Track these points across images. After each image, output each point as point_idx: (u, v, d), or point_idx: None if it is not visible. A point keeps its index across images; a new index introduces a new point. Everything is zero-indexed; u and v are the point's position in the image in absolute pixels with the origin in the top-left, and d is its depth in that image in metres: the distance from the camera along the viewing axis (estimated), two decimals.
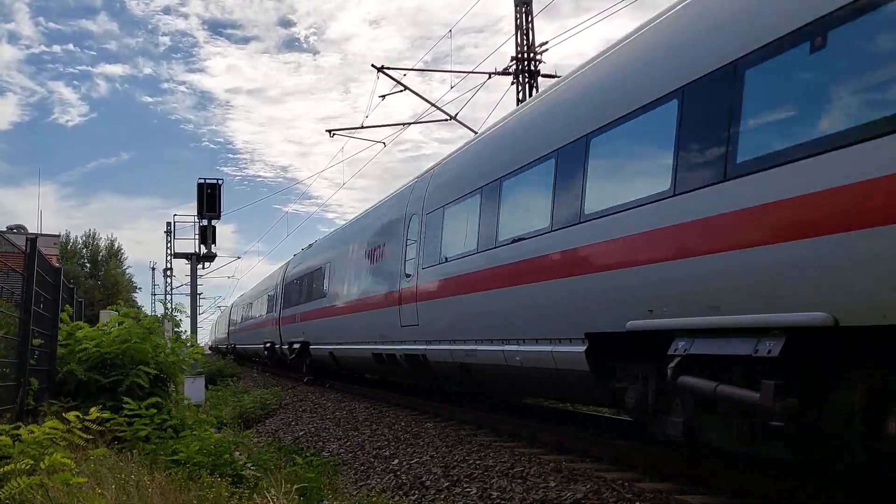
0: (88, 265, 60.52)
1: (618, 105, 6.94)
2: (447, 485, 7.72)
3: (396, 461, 9.41)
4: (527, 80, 20.53)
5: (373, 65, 21.35)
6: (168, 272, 53.78)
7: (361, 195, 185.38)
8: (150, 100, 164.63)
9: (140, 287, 74.74)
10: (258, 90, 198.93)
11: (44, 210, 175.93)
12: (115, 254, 62.56)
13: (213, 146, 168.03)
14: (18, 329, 7.25)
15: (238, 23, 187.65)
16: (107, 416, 7.10)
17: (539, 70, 20.60)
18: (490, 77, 21.21)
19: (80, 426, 5.92)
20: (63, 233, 55.87)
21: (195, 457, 6.98)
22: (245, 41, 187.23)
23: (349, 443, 11.52)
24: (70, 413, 6.07)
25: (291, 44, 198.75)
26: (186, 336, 15.77)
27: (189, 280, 26.98)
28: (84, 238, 61.50)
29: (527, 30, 20.69)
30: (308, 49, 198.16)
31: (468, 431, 10.55)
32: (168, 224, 46.35)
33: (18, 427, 5.61)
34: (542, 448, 8.80)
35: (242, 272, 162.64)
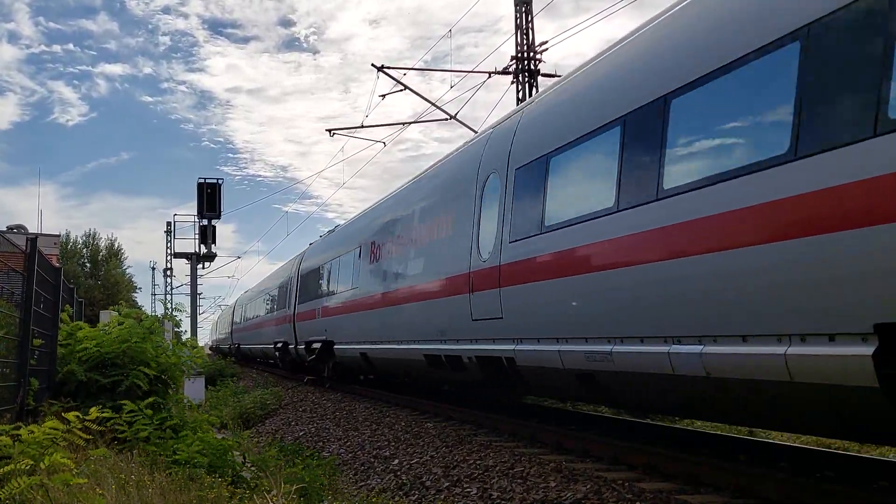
0: (88, 265, 60.49)
1: None
2: (447, 485, 7.72)
3: (396, 461, 9.41)
4: (527, 80, 20.52)
5: (373, 64, 21.39)
6: (168, 272, 53.87)
7: (361, 195, 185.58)
8: (150, 99, 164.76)
9: (140, 287, 74.79)
10: (258, 90, 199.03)
11: (44, 210, 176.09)
12: (115, 254, 62.54)
13: (213, 146, 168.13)
14: (18, 329, 7.25)
15: (238, 22, 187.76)
16: (107, 416, 7.11)
17: (539, 70, 20.60)
18: (490, 76, 21.22)
19: (80, 426, 5.92)
20: (63, 233, 55.92)
21: (196, 457, 6.98)
22: (245, 41, 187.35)
23: (349, 443, 11.52)
24: (70, 413, 6.07)
25: (291, 43, 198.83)
26: (187, 337, 15.79)
27: (189, 280, 27.03)
28: (84, 238, 61.52)
29: (527, 29, 20.69)
30: (308, 49, 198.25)
31: (468, 431, 10.55)
32: (168, 224, 46.49)
33: (18, 427, 5.62)
34: (542, 448, 8.80)
35: (242, 272, 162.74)
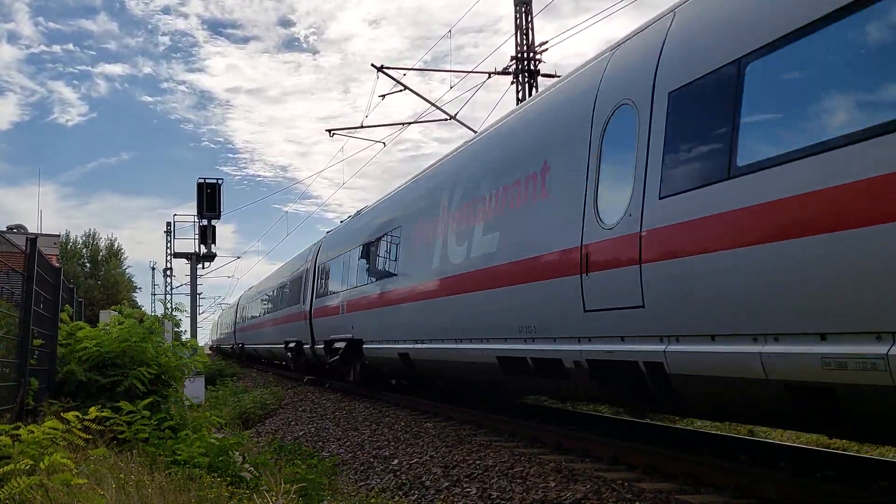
0: (88, 265, 60.50)
1: None
2: (447, 485, 7.72)
3: (396, 461, 9.41)
4: (526, 80, 20.52)
5: (373, 64, 21.39)
6: (168, 272, 53.91)
7: (361, 195, 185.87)
8: (150, 99, 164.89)
9: (140, 287, 74.84)
10: (258, 90, 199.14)
11: (44, 210, 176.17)
12: (115, 254, 62.54)
13: (213, 146, 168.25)
14: (18, 329, 7.25)
15: (238, 22, 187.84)
16: (106, 416, 7.11)
17: (539, 70, 20.59)
18: (490, 77, 21.21)
19: (80, 426, 5.92)
20: (63, 233, 55.95)
21: (196, 457, 6.98)
22: (245, 41, 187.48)
23: (349, 443, 11.52)
24: (69, 413, 6.07)
25: (291, 44, 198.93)
26: (187, 338, 15.75)
27: (189, 280, 27.02)
28: (84, 238, 61.53)
29: (526, 29, 20.68)
30: (308, 49, 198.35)
31: (468, 431, 10.55)
32: (168, 224, 46.50)
33: (18, 427, 5.61)
34: (542, 448, 8.80)
35: (242, 272, 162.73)
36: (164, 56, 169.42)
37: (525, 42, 20.62)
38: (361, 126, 23.58)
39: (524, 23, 20.64)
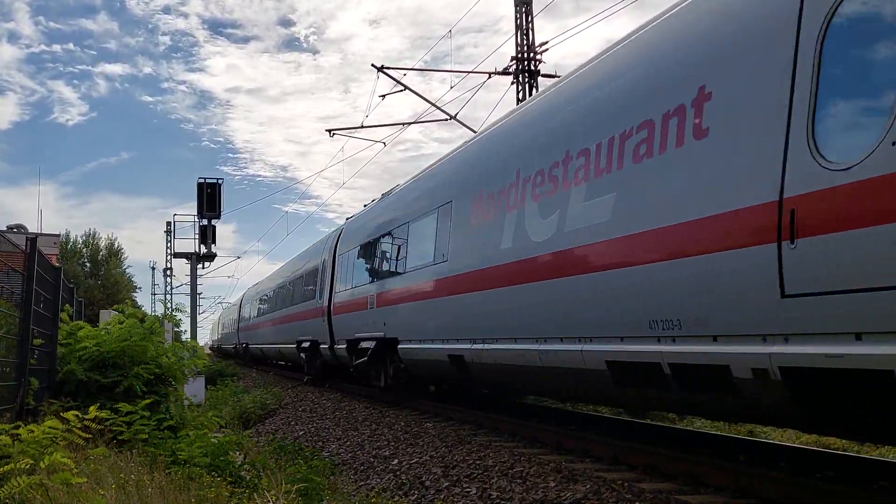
0: (88, 265, 60.50)
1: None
2: (447, 485, 7.72)
3: (396, 461, 9.41)
4: (527, 80, 20.53)
5: (373, 64, 21.42)
6: (168, 272, 53.84)
7: (361, 195, 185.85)
8: (150, 99, 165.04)
9: (140, 287, 74.88)
10: (258, 90, 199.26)
11: (44, 210, 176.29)
12: (115, 253, 62.55)
13: (213, 146, 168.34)
14: (18, 329, 7.25)
15: (238, 22, 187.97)
16: (106, 416, 7.11)
17: (539, 70, 20.61)
18: (490, 77, 21.23)
19: (80, 426, 5.92)
20: (63, 232, 55.97)
21: (196, 457, 6.97)
22: (245, 41, 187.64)
23: (349, 443, 11.52)
24: (69, 413, 6.07)
25: (291, 43, 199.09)
26: (186, 338, 15.73)
27: (189, 280, 27.03)
28: (84, 238, 61.52)
29: (527, 30, 20.69)
30: (308, 49, 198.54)
31: (468, 431, 10.55)
32: (168, 224, 46.44)
33: (18, 427, 5.62)
34: (542, 448, 8.80)
35: (242, 272, 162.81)
36: (165, 56, 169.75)
37: (525, 42, 20.63)
38: (361, 126, 23.61)
39: (524, 23, 20.65)
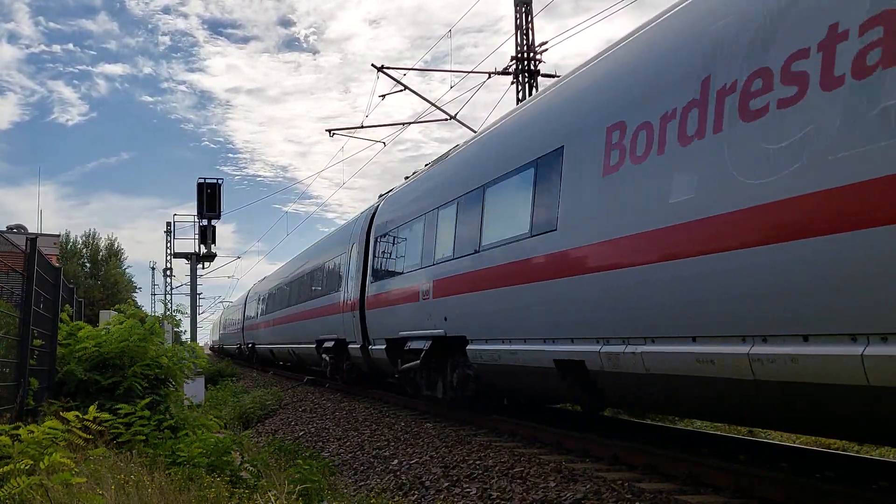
0: (88, 265, 60.46)
1: None
2: (447, 485, 7.72)
3: (396, 461, 9.41)
4: (527, 80, 20.53)
5: (373, 64, 21.39)
6: (168, 272, 53.84)
7: (361, 195, 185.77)
8: (150, 99, 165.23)
9: (140, 287, 74.92)
10: (258, 90, 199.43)
11: (44, 210, 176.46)
12: (115, 254, 62.50)
13: (213, 146, 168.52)
14: (18, 329, 7.25)
15: (238, 22, 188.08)
16: (105, 417, 7.11)
17: (539, 70, 20.61)
18: (490, 77, 21.22)
19: (80, 426, 5.92)
20: (63, 233, 55.91)
21: (196, 457, 6.97)
22: (245, 41, 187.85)
23: (349, 443, 11.52)
24: (69, 413, 6.08)
25: (291, 43, 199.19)
26: (186, 338, 15.73)
27: (189, 280, 27.03)
28: (84, 238, 61.46)
29: (527, 30, 20.69)
30: (308, 49, 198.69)
31: (468, 431, 10.55)
32: (168, 224, 46.45)
33: (18, 427, 5.62)
34: (542, 448, 8.80)
35: (242, 272, 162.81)
36: (165, 56, 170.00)
37: (525, 42, 20.63)
38: (361, 126, 23.60)
39: (524, 23, 20.65)
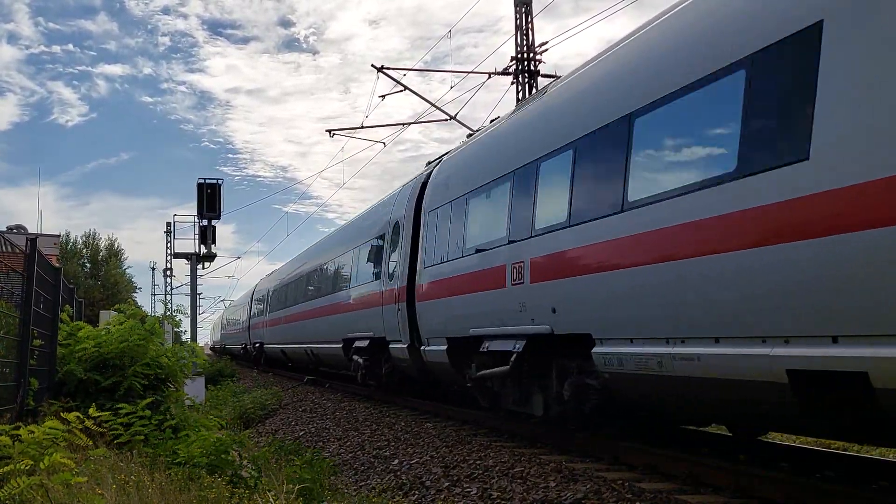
0: (88, 265, 60.48)
1: None
2: (447, 485, 7.72)
3: (396, 461, 9.41)
4: (527, 80, 20.53)
5: (373, 65, 21.39)
6: (168, 272, 53.81)
7: (361, 195, 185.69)
8: (150, 100, 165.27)
9: (140, 287, 74.88)
10: (258, 90, 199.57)
11: (44, 210, 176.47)
12: (115, 254, 62.53)
13: (213, 146, 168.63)
14: (18, 329, 7.25)
15: (238, 23, 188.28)
16: (106, 418, 7.11)
17: (539, 70, 20.61)
18: (490, 77, 21.24)
19: (81, 427, 5.92)
20: (63, 233, 55.91)
21: (196, 457, 6.96)
22: (245, 41, 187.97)
23: (349, 443, 11.52)
24: (70, 414, 6.07)
25: (291, 44, 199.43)
26: (187, 340, 15.71)
27: (189, 280, 27.01)
28: (84, 238, 61.49)
29: (526, 30, 20.69)
30: (308, 49, 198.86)
31: (468, 431, 10.55)
32: (168, 224, 46.40)
33: (18, 427, 5.62)
34: (542, 448, 8.80)
35: (242, 272, 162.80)
36: (164, 56, 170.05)
37: (525, 42, 20.63)
38: (361, 126, 23.60)
39: (524, 23, 20.65)
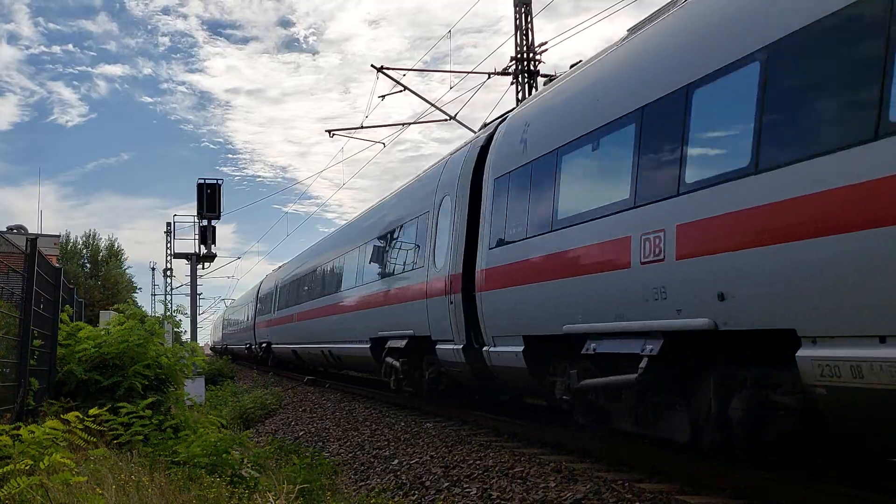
0: (88, 265, 60.44)
1: None
2: (447, 485, 7.72)
3: (396, 461, 9.41)
4: (526, 80, 20.53)
5: (372, 65, 21.38)
6: (168, 272, 53.81)
7: (361, 195, 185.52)
8: (150, 100, 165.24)
9: (140, 287, 74.83)
10: (258, 90, 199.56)
11: (44, 210, 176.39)
12: (116, 254, 62.48)
13: (213, 146, 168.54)
14: (18, 330, 7.25)
15: (237, 23, 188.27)
16: (106, 417, 7.11)
17: (538, 70, 20.61)
18: (489, 77, 21.23)
19: (81, 426, 5.92)
20: (63, 233, 55.88)
21: (196, 457, 6.96)
22: (244, 41, 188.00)
23: (349, 443, 11.52)
24: (70, 413, 6.07)
25: (291, 44, 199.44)
26: (187, 340, 15.69)
27: (189, 280, 27.03)
28: (84, 238, 61.44)
29: (526, 30, 20.69)
30: (307, 49, 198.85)
31: (468, 431, 10.55)
32: (168, 224, 46.42)
33: (18, 427, 5.62)
34: (542, 448, 8.80)
35: (242, 272, 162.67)
36: (164, 57, 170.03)
37: (525, 42, 20.62)
38: (361, 126, 23.60)
39: (524, 23, 20.65)
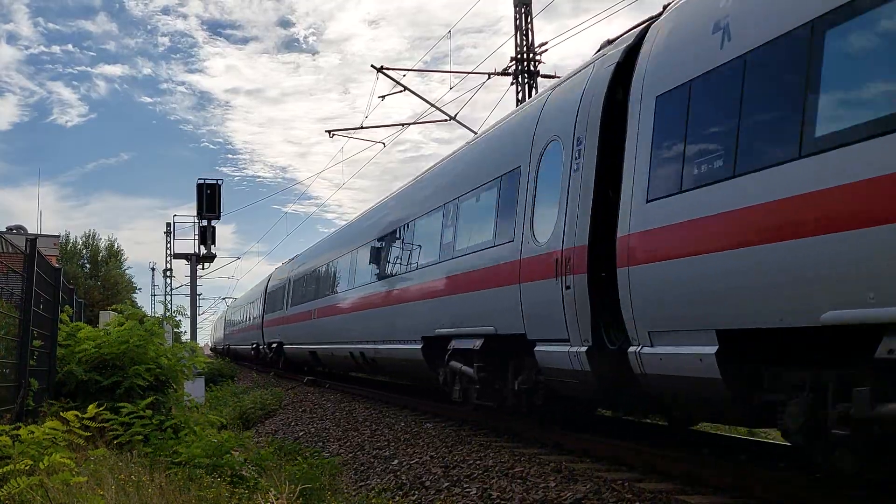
0: (88, 265, 60.44)
1: None
2: (447, 485, 7.72)
3: (396, 461, 9.41)
4: (526, 81, 20.53)
5: (372, 65, 21.40)
6: (168, 273, 53.86)
7: (361, 195, 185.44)
8: (150, 100, 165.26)
9: (140, 288, 74.86)
10: (257, 90, 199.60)
11: (43, 210, 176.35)
12: (115, 254, 62.49)
13: (213, 146, 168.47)
14: (18, 330, 7.25)
15: (237, 23, 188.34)
16: (106, 417, 7.11)
17: (538, 70, 20.61)
18: (489, 77, 21.24)
19: (79, 425, 5.93)
20: (63, 233, 55.89)
21: (196, 457, 6.97)
22: (244, 41, 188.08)
23: (349, 443, 11.52)
24: (69, 413, 6.08)
25: (290, 44, 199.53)
26: (187, 341, 15.71)
27: (189, 281, 27.04)
28: (84, 238, 61.43)
29: (526, 30, 20.69)
30: (307, 49, 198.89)
31: (468, 431, 10.55)
32: (168, 224, 46.48)
33: (18, 427, 5.62)
34: (542, 448, 8.80)
35: (242, 272, 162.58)
36: (164, 57, 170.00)
37: (525, 43, 20.63)
38: (361, 127, 23.61)
39: (524, 23, 20.65)
